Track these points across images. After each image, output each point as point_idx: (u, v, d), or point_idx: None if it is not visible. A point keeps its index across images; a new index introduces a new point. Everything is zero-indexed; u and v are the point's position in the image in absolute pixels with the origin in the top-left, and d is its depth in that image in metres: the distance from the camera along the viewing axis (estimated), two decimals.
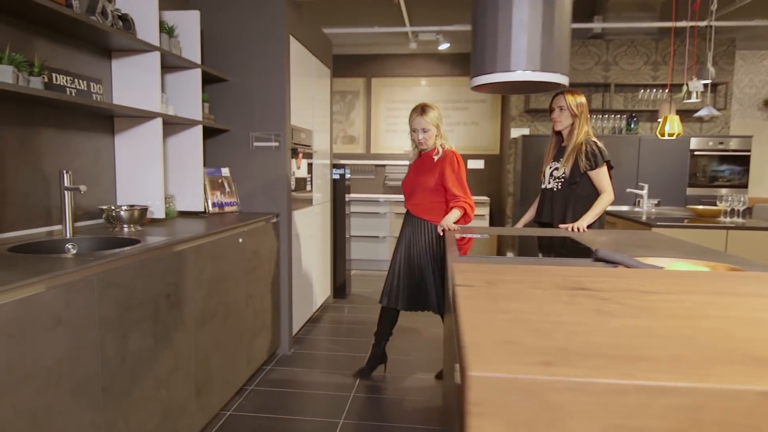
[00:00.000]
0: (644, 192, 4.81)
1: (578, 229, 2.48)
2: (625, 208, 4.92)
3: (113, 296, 1.65)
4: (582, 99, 2.64)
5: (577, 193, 2.64)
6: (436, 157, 2.77)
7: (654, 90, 5.58)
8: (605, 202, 2.59)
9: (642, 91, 5.61)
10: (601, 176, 2.62)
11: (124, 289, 1.70)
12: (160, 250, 1.94)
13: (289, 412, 2.56)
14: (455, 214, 2.64)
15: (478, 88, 1.92)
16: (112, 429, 1.66)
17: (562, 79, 1.81)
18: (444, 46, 5.51)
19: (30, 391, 1.33)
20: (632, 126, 5.56)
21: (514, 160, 5.82)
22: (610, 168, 2.65)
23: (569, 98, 2.61)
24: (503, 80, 1.78)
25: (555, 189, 2.72)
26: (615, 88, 5.60)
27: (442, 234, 2.60)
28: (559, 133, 2.76)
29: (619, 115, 5.62)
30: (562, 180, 2.68)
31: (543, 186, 2.81)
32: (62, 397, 1.44)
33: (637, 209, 4.79)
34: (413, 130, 2.76)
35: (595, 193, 2.63)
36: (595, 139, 2.65)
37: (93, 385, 1.57)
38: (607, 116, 5.63)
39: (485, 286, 0.89)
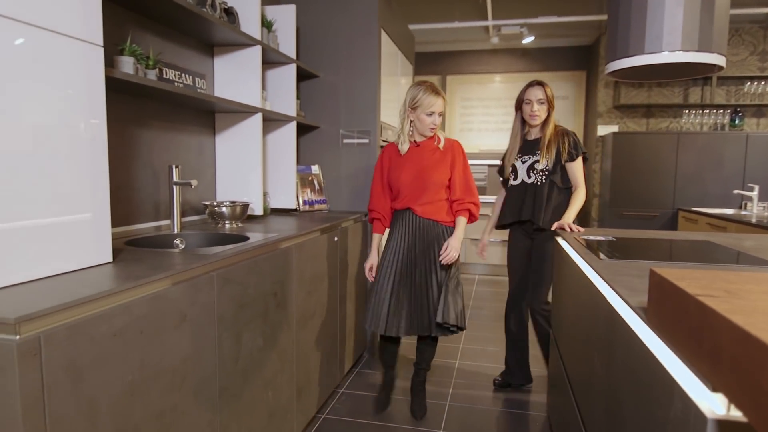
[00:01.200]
0: (754, 194, 4.38)
1: (572, 229, 2.28)
2: (730, 211, 4.50)
3: (230, 294, 1.59)
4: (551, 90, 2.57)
5: (558, 186, 2.51)
6: (440, 146, 2.36)
7: (763, 82, 5.08)
8: (582, 197, 2.46)
9: (748, 83, 5.12)
10: (577, 169, 2.49)
11: (239, 286, 1.64)
12: (269, 246, 1.88)
13: (383, 419, 2.44)
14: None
15: (615, 73, 1.72)
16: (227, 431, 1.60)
17: (721, 60, 1.59)
18: (528, 40, 5.26)
19: (159, 391, 1.28)
20: (737, 122, 5.09)
21: (602, 159, 5.47)
22: (585, 161, 2.53)
23: (547, 90, 2.51)
24: (652, 63, 1.57)
25: (539, 183, 2.52)
26: (717, 81, 5.14)
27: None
28: (522, 127, 2.62)
29: (721, 110, 5.16)
30: (546, 173, 2.50)
31: (515, 182, 2.60)
32: (186, 399, 1.39)
33: (744, 212, 4.35)
34: (429, 114, 2.27)
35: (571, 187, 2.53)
36: (570, 129, 2.56)
37: (212, 386, 1.51)
38: (707, 111, 5.18)
39: (730, 297, 0.72)
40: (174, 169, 2.05)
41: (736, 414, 0.66)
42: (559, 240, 2.19)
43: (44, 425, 0.96)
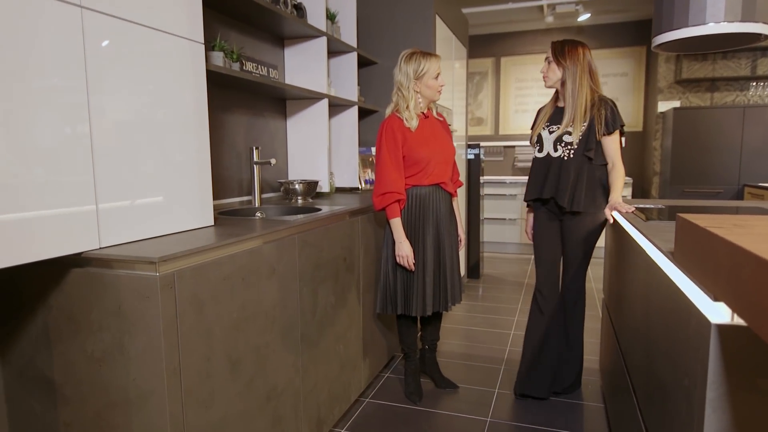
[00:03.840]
0: None
1: (624, 210, 2.03)
2: None
3: (308, 254, 1.84)
4: (573, 46, 2.18)
5: (592, 163, 2.21)
6: (439, 117, 2.34)
7: None
8: (622, 175, 2.20)
9: None
10: (614, 144, 2.21)
11: (315, 248, 1.89)
12: (338, 216, 2.11)
13: (429, 405, 2.42)
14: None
15: (662, 47, 1.81)
16: (306, 373, 1.86)
17: (766, 29, 1.65)
18: (584, 17, 5.23)
19: (256, 329, 1.54)
20: None
21: (662, 136, 5.36)
22: (622, 135, 2.26)
23: (555, 46, 2.20)
24: (695, 35, 1.66)
25: (566, 158, 2.21)
26: None
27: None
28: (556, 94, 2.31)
29: None
30: (575, 147, 2.20)
31: (540, 154, 2.30)
32: (275, 339, 1.65)
33: None
34: (435, 77, 2.18)
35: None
36: (609, 98, 2.27)
37: (295, 332, 1.77)
38: None
39: (735, 228, 0.86)
40: (255, 150, 2.33)
41: (740, 321, 0.81)
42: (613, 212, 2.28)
43: (177, 342, 1.23)
